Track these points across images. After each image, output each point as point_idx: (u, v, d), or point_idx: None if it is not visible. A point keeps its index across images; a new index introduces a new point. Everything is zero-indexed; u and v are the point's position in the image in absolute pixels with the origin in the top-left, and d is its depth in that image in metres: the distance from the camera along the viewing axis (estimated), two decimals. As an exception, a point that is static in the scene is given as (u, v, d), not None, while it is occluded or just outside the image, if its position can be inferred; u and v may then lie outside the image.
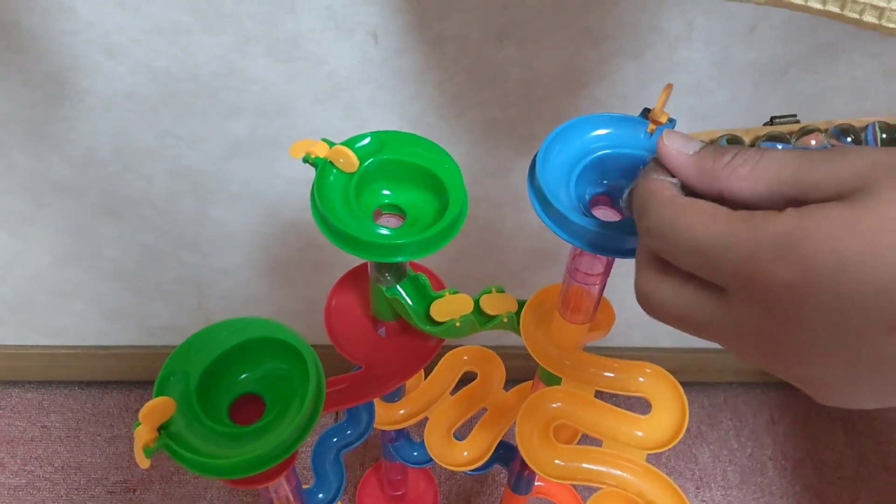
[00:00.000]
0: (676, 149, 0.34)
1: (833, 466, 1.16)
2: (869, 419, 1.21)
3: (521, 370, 0.76)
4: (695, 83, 0.76)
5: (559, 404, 0.57)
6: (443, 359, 0.74)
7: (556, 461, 0.55)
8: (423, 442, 0.77)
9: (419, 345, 0.61)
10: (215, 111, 0.78)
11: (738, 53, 0.73)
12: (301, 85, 0.75)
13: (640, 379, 0.58)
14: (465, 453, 0.70)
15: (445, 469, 1.13)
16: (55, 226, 0.92)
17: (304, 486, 0.63)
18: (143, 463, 0.45)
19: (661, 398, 0.57)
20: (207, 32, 0.70)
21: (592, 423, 0.56)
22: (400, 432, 0.78)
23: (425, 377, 0.73)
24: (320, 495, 0.64)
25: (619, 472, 0.55)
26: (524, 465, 0.73)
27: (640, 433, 0.56)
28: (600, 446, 0.58)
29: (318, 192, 0.49)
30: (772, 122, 0.40)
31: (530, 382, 0.69)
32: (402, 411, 0.71)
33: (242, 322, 0.49)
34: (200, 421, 0.46)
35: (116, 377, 1.19)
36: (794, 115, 0.40)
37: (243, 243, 0.94)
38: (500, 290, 0.60)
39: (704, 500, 1.12)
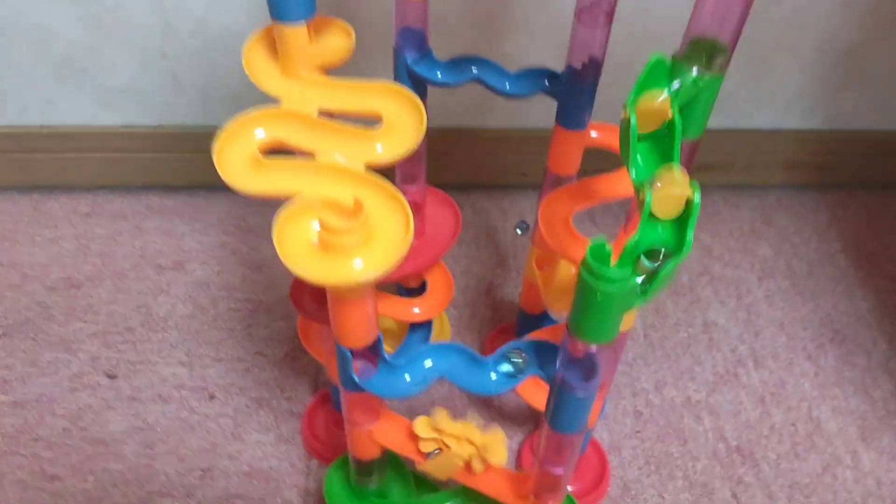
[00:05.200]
0: None
1: (913, 257, 0.99)
2: (943, 220, 1.05)
3: None
4: None
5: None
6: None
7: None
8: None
9: None
10: None
11: None
12: None
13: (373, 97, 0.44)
14: None
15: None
16: None
17: None
18: None
19: (395, 113, 0.45)
20: None
21: (310, 141, 0.43)
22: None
23: None
24: None
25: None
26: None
27: (379, 147, 0.43)
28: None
29: None
30: None
31: None
32: None
33: None
34: None
35: (61, 180, 1.00)
36: None
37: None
38: None
39: (770, 290, 0.94)
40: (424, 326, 0.77)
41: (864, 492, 0.77)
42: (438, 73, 0.61)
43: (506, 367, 0.48)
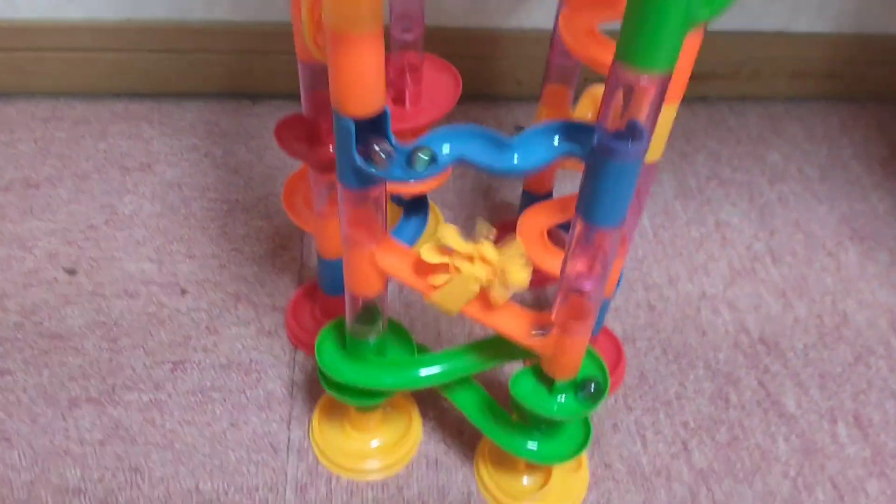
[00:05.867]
0: None
1: (928, 162, 0.94)
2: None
3: None
4: None
5: None
6: None
7: None
8: None
9: None
10: None
11: None
12: None
13: None
14: None
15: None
16: None
17: None
18: None
19: None
20: None
21: None
22: None
23: None
24: None
25: None
26: None
27: None
28: None
29: None
30: None
31: None
32: None
33: None
34: None
35: (18, 84, 0.92)
36: None
37: None
38: None
39: (782, 193, 0.89)
40: (420, 214, 0.70)
41: (899, 381, 0.71)
42: None
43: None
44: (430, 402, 0.66)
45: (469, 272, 0.46)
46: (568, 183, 0.81)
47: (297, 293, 0.72)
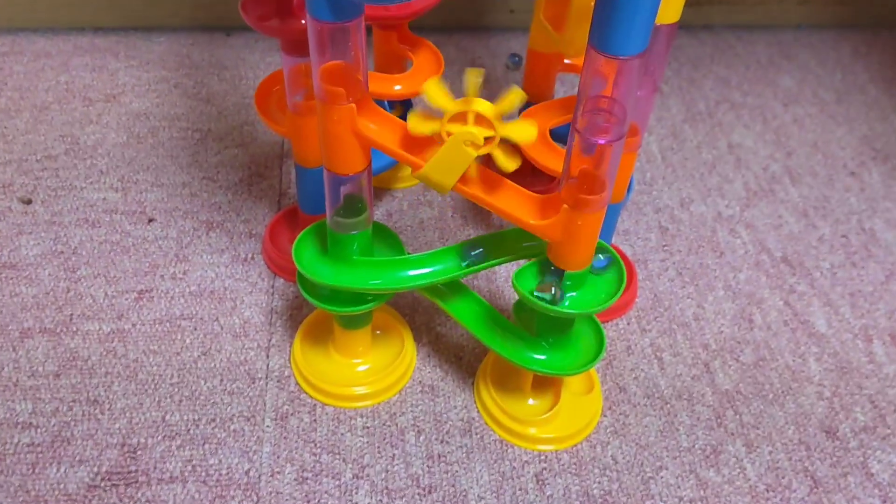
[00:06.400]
0: None
1: (950, 84, 0.88)
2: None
3: None
4: None
5: None
6: None
7: None
8: None
9: None
10: None
11: None
12: None
13: None
14: None
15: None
16: None
17: None
18: None
19: None
20: None
21: None
22: None
23: None
24: None
25: None
26: None
27: None
28: None
29: None
30: None
31: None
32: None
33: None
34: None
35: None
36: None
37: None
38: None
39: (798, 115, 0.83)
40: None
41: (936, 298, 0.65)
42: None
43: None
44: (423, 328, 0.59)
45: (461, 132, 0.40)
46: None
47: (275, 218, 0.65)
